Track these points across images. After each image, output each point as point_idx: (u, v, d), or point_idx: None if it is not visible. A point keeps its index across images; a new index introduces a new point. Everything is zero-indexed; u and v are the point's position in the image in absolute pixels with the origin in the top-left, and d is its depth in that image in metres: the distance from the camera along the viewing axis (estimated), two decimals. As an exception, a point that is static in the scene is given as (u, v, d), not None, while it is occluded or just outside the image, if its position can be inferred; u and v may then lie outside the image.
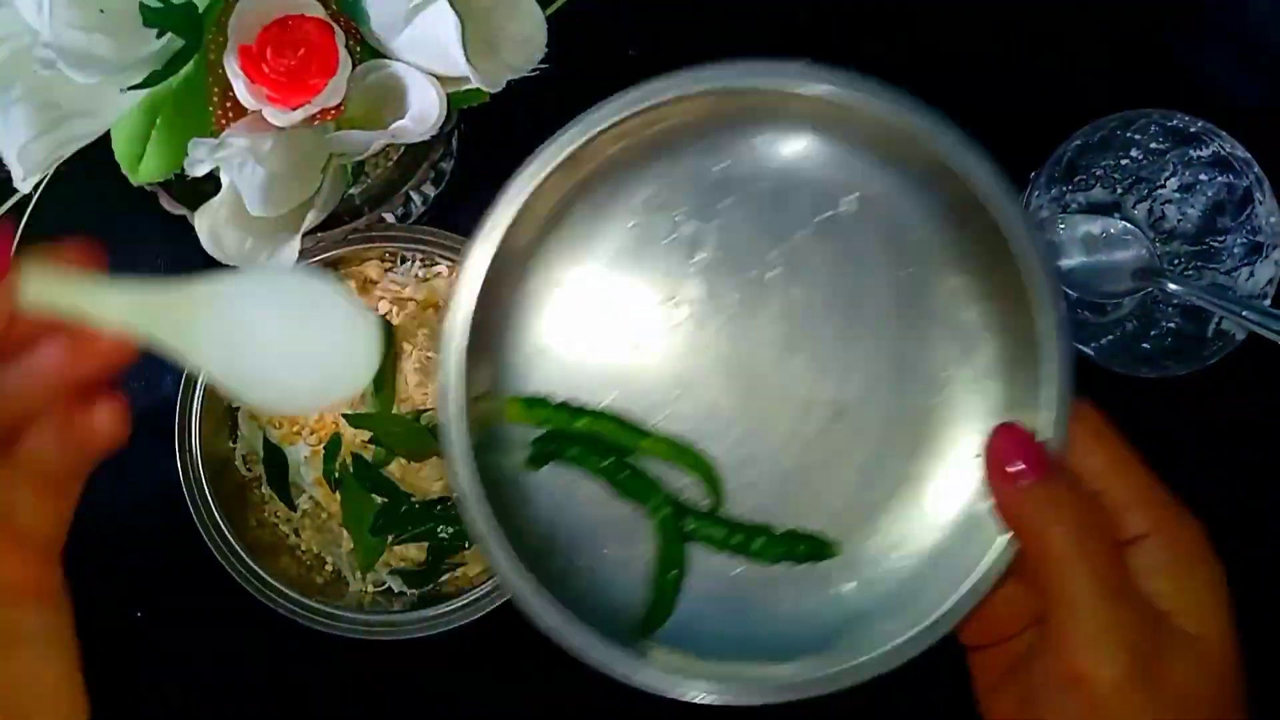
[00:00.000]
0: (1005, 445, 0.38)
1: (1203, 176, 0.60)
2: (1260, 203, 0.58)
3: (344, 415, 0.57)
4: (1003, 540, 0.38)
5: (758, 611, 0.42)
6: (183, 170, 0.47)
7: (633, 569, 0.42)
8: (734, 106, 0.40)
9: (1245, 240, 0.60)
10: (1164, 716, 0.34)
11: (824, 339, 0.42)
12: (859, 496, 0.42)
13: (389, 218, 0.61)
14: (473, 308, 0.39)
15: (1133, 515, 0.37)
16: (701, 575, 0.42)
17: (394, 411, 0.58)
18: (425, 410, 0.58)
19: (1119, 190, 0.62)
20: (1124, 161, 0.61)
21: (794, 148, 0.41)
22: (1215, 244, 0.61)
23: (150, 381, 0.64)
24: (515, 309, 0.42)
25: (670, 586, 0.41)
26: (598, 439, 0.42)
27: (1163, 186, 0.62)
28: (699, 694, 0.38)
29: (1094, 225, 0.61)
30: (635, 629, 0.41)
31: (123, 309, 0.32)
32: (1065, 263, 0.61)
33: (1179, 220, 0.62)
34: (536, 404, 0.42)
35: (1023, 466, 0.37)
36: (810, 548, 0.41)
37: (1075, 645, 0.34)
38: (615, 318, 0.42)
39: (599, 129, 0.39)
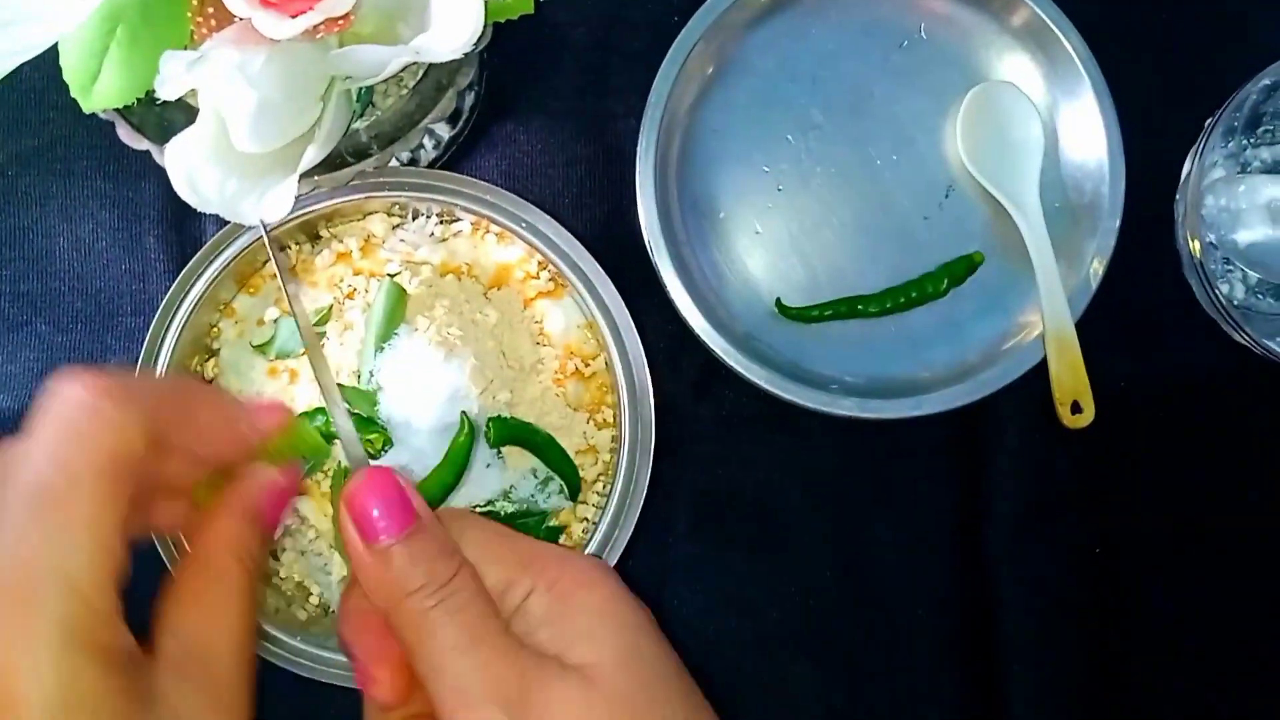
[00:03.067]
0: (366, 495, 0.43)
1: None
2: None
3: (340, 386, 0.55)
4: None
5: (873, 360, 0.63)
6: (148, 94, 0.46)
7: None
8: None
9: None
10: None
11: (924, 139, 0.63)
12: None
13: (395, 163, 0.59)
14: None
15: (518, 582, 0.43)
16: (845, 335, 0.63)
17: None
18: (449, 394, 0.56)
19: (1314, 145, 0.60)
20: (1322, 109, 0.59)
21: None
22: None
23: (91, 364, 0.63)
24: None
25: None
26: None
27: (1370, 141, 0.59)
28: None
29: (1282, 188, 0.59)
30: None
31: None
32: (1245, 236, 0.59)
33: (1389, 184, 0.59)
34: None
35: (384, 521, 0.42)
36: (968, 265, 0.62)
37: (443, 701, 0.40)
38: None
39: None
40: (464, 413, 0.55)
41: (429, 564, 0.42)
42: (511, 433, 0.57)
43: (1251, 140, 0.60)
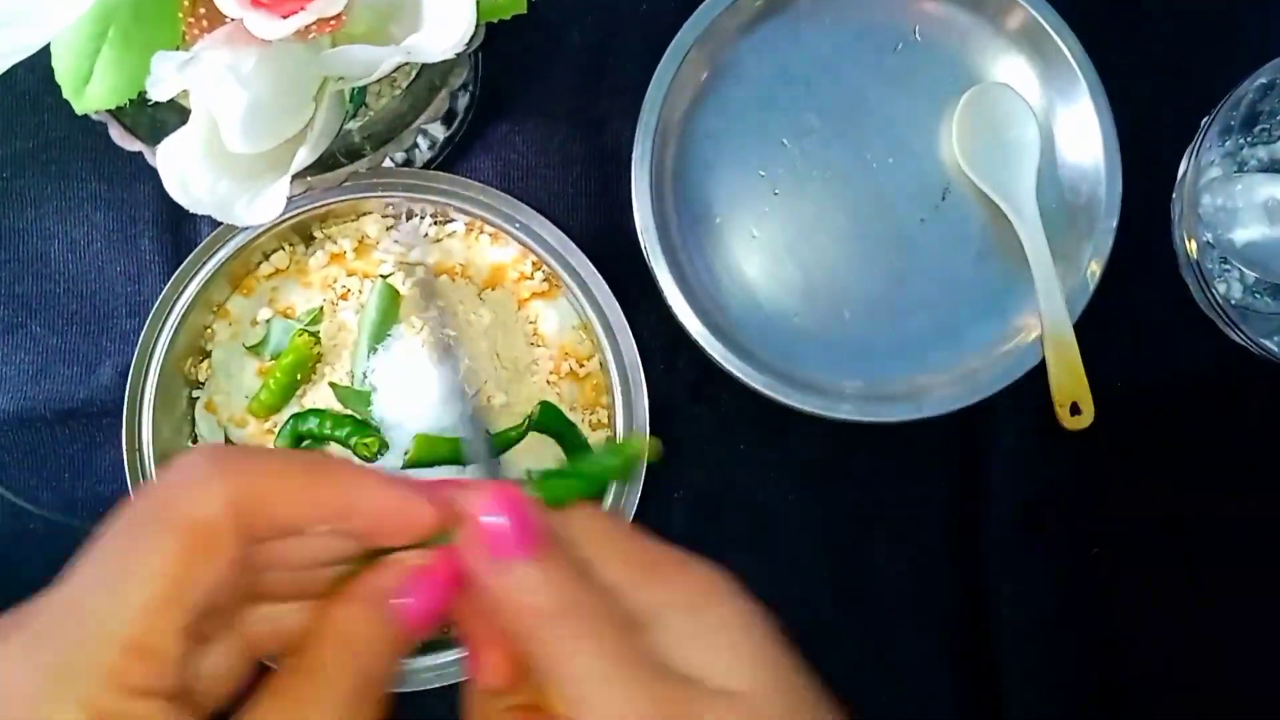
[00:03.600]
0: (496, 510, 0.37)
1: None
2: None
3: (333, 386, 0.55)
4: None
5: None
6: (140, 95, 0.46)
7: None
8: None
9: None
10: None
11: (920, 141, 0.63)
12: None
13: (389, 163, 0.59)
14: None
15: (642, 593, 0.37)
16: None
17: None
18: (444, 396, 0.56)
19: (1311, 145, 0.60)
20: (1319, 108, 0.59)
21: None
22: None
23: (87, 365, 0.63)
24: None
25: None
26: None
27: (1367, 141, 0.59)
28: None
29: (1279, 189, 0.59)
30: None
31: None
32: (1242, 235, 0.59)
33: (1387, 184, 0.59)
34: None
35: (516, 538, 0.37)
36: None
37: None
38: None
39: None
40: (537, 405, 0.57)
41: (561, 586, 0.37)
42: (554, 425, 0.58)
43: (1248, 139, 0.60)
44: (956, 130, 0.62)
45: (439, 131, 0.61)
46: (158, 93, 0.44)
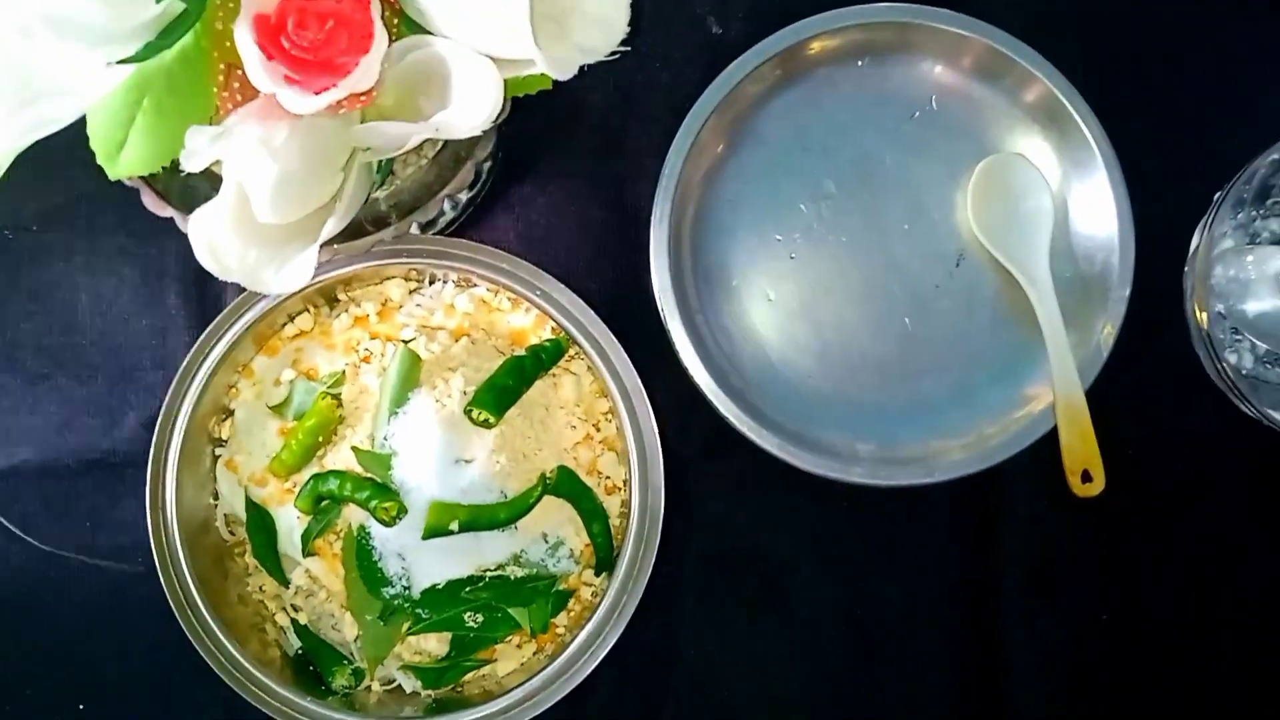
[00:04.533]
0: None
1: None
2: None
3: (354, 450, 0.56)
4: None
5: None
6: (173, 163, 0.46)
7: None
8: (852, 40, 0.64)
9: None
10: None
11: (935, 208, 0.64)
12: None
13: (413, 228, 0.60)
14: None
15: None
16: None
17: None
18: (462, 460, 0.56)
19: (1323, 219, 0.60)
20: (1330, 184, 0.60)
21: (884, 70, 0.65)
22: None
23: (111, 417, 0.63)
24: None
25: None
26: None
27: (1378, 216, 0.60)
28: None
29: (1291, 261, 0.59)
30: None
31: None
32: (1254, 306, 0.59)
33: (1398, 259, 0.59)
34: None
35: None
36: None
37: None
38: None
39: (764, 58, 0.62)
40: (544, 473, 0.57)
41: None
42: (571, 489, 0.58)
43: (1261, 212, 0.60)
44: (972, 198, 0.62)
45: (463, 195, 0.61)
46: (191, 164, 0.44)
